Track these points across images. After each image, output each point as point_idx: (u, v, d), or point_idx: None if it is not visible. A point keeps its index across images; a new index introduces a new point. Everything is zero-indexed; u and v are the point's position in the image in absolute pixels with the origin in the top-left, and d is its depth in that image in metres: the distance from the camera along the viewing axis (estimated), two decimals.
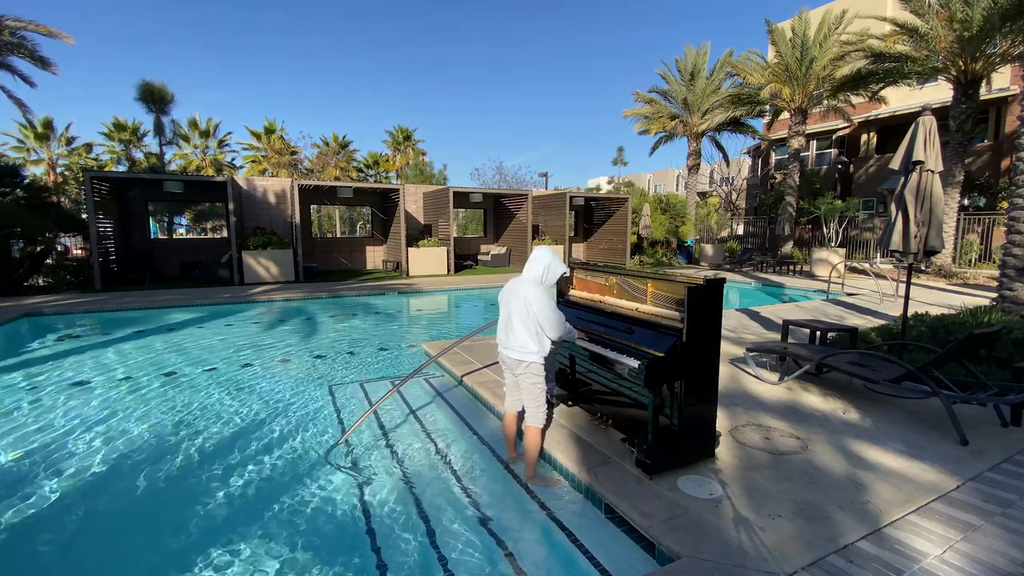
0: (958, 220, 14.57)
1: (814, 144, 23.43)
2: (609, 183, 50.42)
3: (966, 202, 16.90)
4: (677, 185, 45.16)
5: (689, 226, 21.42)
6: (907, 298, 5.14)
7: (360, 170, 34.89)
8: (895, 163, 4.79)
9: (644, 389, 3.02)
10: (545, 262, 3.23)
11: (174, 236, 26.56)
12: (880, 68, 14.32)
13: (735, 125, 22.64)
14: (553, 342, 3.25)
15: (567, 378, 4.22)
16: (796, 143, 18.10)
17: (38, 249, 13.07)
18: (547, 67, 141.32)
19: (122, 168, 29.97)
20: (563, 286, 4.23)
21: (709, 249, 20.05)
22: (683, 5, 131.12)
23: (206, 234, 30.89)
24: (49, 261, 13.40)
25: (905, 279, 5.33)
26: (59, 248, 14.16)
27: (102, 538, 2.96)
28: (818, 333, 5.90)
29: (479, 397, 4.77)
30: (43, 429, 4.33)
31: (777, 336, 6.81)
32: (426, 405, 4.81)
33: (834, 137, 22.76)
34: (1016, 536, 2.52)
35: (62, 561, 2.75)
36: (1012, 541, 2.48)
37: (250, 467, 3.63)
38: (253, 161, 31.60)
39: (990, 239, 15.48)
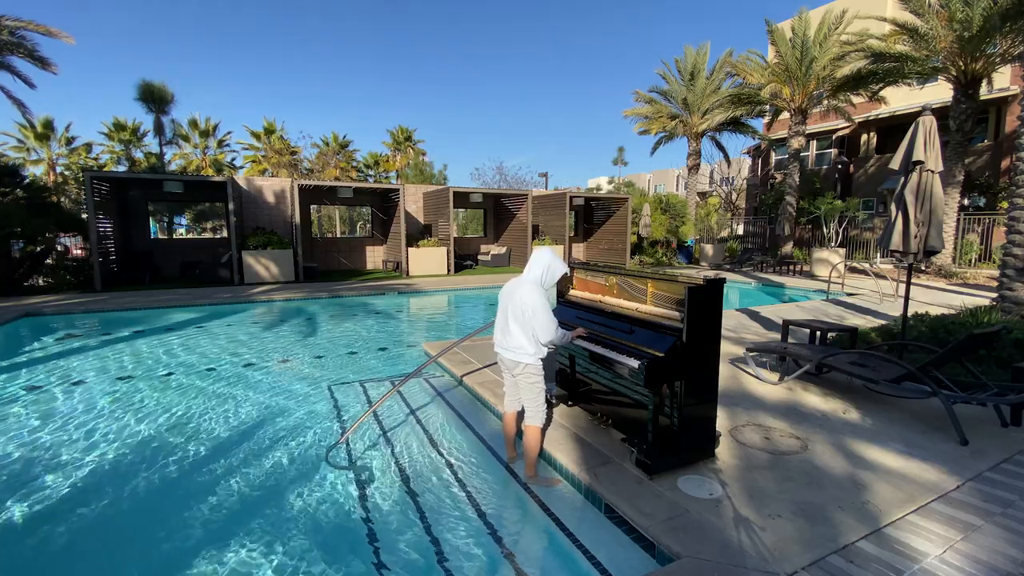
0: (958, 220, 14.57)
1: (814, 144, 23.43)
2: (609, 183, 50.40)
3: (966, 202, 16.90)
4: (677, 185, 45.14)
5: (689, 226, 21.41)
6: (907, 298, 5.14)
7: (360, 170, 34.88)
8: (895, 163, 4.79)
9: (644, 389, 3.02)
10: (544, 263, 3.22)
11: (174, 236, 26.57)
12: (880, 68, 14.32)
13: (735, 125, 22.65)
14: (553, 344, 3.23)
15: (567, 378, 4.22)
16: (796, 143, 18.10)
17: (38, 249, 13.06)
18: (547, 67, 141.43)
19: (122, 168, 29.96)
20: (563, 286, 4.23)
21: (709, 249, 20.04)
22: (683, 5, 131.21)
23: (206, 234, 30.91)
24: (49, 261, 13.39)
25: (905, 279, 5.33)
26: (59, 248, 14.14)
27: (103, 538, 2.96)
28: (818, 333, 5.90)
29: (479, 397, 4.77)
30: (43, 429, 4.32)
31: (777, 336, 6.81)
32: (426, 405, 4.81)
33: (834, 137, 22.76)
34: (1016, 536, 2.52)
35: (65, 560, 2.74)
36: (1012, 541, 2.48)
37: (250, 467, 3.63)
38: (253, 161, 31.57)
39: (990, 239, 15.48)
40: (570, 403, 4.23)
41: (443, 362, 5.74)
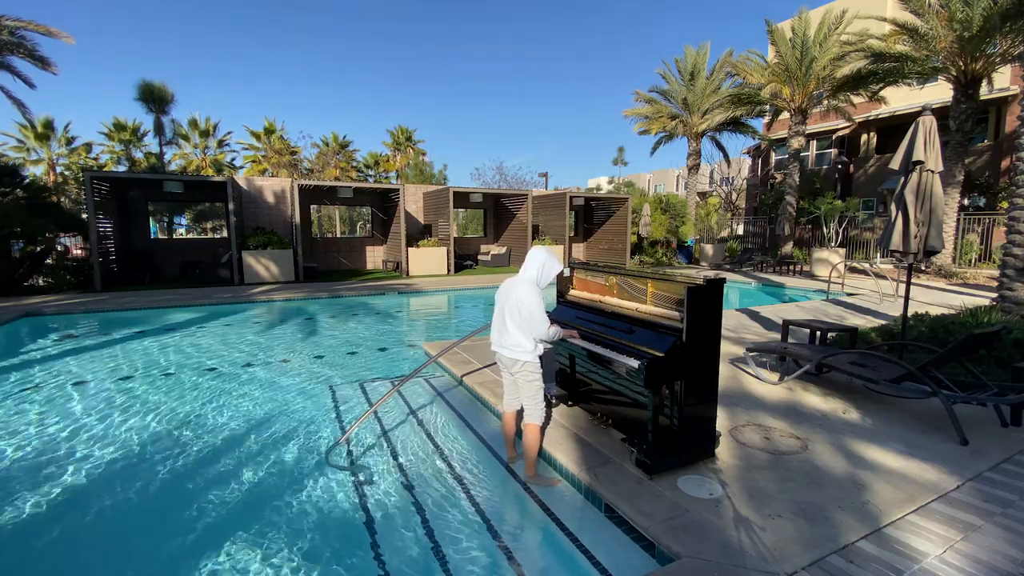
0: (958, 220, 14.57)
1: (814, 144, 23.43)
2: (609, 183, 50.40)
3: (966, 202, 16.89)
4: (677, 185, 45.14)
5: (689, 226, 21.41)
6: (907, 298, 5.14)
7: (360, 170, 34.89)
8: (895, 163, 4.79)
9: (644, 389, 3.02)
10: (540, 262, 3.25)
11: (174, 236, 26.57)
12: (880, 68, 14.32)
13: (735, 125, 22.65)
14: (544, 341, 3.26)
15: (567, 378, 4.22)
16: (796, 143, 18.10)
17: (38, 249, 13.06)
18: (547, 67, 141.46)
19: (122, 168, 29.97)
20: (563, 286, 4.23)
21: (709, 249, 20.04)
22: (683, 5, 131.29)
23: (206, 234, 30.92)
24: (49, 261, 13.39)
25: (905, 279, 5.33)
26: (59, 248, 14.15)
27: (103, 538, 2.96)
28: (818, 333, 5.90)
29: (479, 397, 4.77)
30: (44, 429, 4.32)
31: (777, 336, 6.81)
32: (426, 405, 4.81)
33: (834, 137, 22.76)
34: (1016, 536, 2.52)
35: (65, 560, 2.74)
36: (1012, 541, 2.48)
37: (250, 467, 3.63)
38: (253, 161, 31.58)
39: (990, 239, 15.47)
40: (570, 403, 4.23)
41: (443, 362, 5.74)
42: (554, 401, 4.25)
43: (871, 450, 3.49)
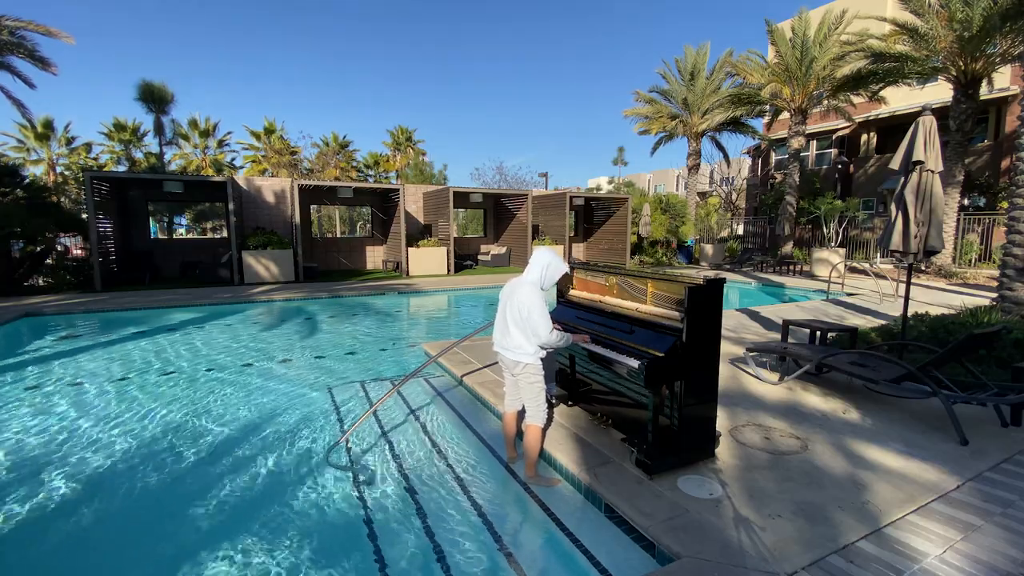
0: (958, 220, 14.57)
1: (814, 144, 23.43)
2: (609, 183, 50.40)
3: (966, 202, 16.89)
4: (677, 185, 45.13)
5: (689, 226, 21.40)
6: (907, 298, 5.14)
7: (360, 170, 34.88)
8: (895, 163, 4.79)
9: (644, 389, 3.02)
10: (543, 263, 3.21)
11: (174, 236, 26.57)
12: (880, 68, 14.32)
13: (735, 125, 22.65)
14: (546, 346, 3.17)
15: (567, 378, 4.21)
16: (796, 143, 18.10)
17: (38, 249, 13.06)
18: (547, 67, 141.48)
19: (122, 168, 29.96)
20: (563, 286, 4.23)
21: (709, 249, 20.04)
22: (683, 5, 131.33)
23: (206, 234, 30.92)
24: (49, 261, 13.40)
25: (905, 279, 5.33)
26: (59, 248, 14.15)
27: (103, 538, 2.96)
28: (818, 333, 5.90)
29: (479, 397, 4.77)
30: (44, 429, 4.32)
31: (777, 336, 6.81)
32: (426, 405, 4.81)
33: (834, 137, 22.76)
34: (1016, 536, 2.52)
35: (64, 562, 2.74)
36: (1012, 541, 2.48)
37: (250, 467, 3.63)
38: (253, 161, 31.57)
39: (990, 239, 15.48)
40: (570, 403, 4.23)
41: (443, 362, 5.74)
42: (554, 401, 4.25)
43: (871, 450, 3.49)
